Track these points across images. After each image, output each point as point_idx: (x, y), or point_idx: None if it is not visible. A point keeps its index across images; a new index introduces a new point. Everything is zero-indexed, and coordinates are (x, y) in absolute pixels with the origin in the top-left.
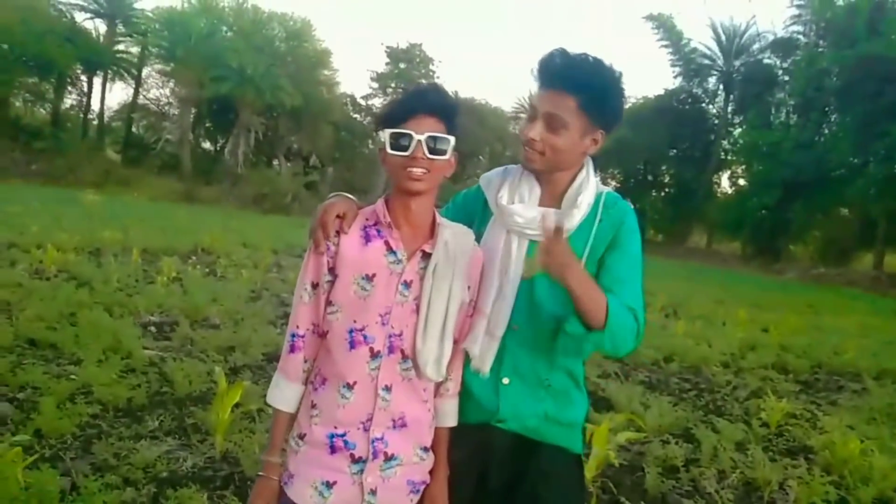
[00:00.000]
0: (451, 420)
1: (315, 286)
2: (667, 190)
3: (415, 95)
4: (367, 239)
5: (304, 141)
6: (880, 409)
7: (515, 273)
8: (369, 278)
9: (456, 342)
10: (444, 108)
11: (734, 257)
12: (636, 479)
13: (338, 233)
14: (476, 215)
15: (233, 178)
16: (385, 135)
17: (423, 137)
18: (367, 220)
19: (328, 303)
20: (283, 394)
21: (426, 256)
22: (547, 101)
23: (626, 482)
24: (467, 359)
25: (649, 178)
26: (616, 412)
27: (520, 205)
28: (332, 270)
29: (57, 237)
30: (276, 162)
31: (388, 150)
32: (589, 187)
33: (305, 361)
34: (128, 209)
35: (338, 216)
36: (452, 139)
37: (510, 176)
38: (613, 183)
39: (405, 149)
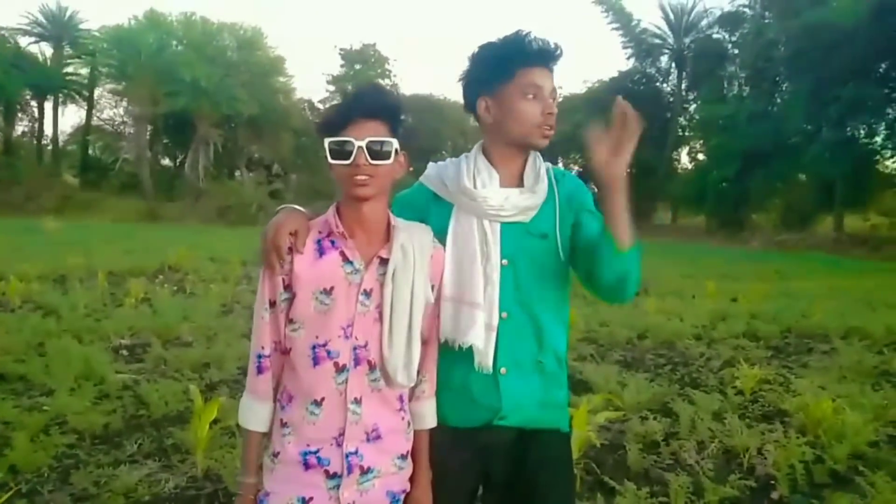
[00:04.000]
0: (429, 421)
1: (273, 304)
2: (628, 170)
3: (353, 99)
4: (321, 252)
5: (265, 150)
6: (849, 366)
7: (496, 258)
8: (327, 292)
9: (426, 343)
10: (384, 109)
11: (699, 231)
12: (618, 458)
13: (290, 250)
14: (425, 211)
15: (195, 193)
16: (325, 143)
17: (363, 143)
18: (319, 232)
19: (289, 320)
20: (257, 415)
21: (384, 262)
22: (545, 77)
23: (609, 461)
24: (468, 358)
25: None
26: (594, 393)
27: (487, 189)
28: (288, 288)
29: (19, 267)
30: (237, 173)
31: (330, 160)
32: (542, 163)
33: (272, 379)
34: (90, 233)
35: (290, 233)
36: (395, 142)
37: (463, 163)
38: (575, 168)
39: (347, 156)
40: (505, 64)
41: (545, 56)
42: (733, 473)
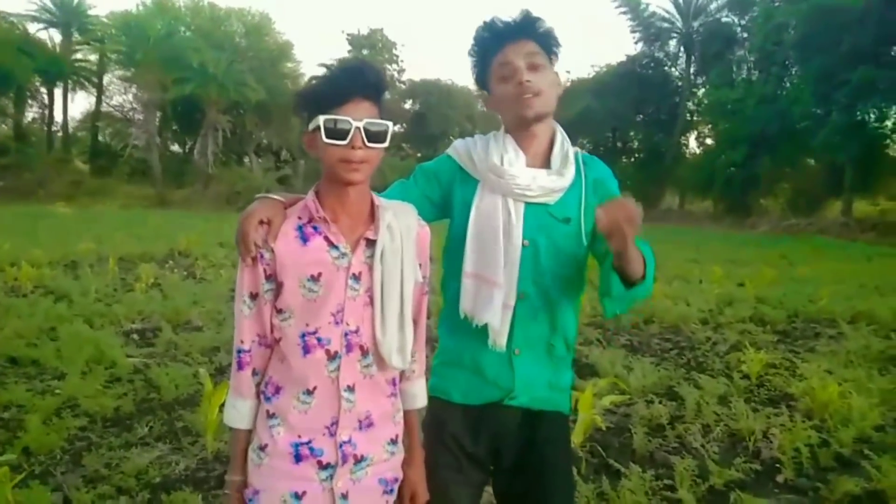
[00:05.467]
0: (420, 401)
1: (254, 297)
2: (636, 155)
3: (350, 75)
4: (304, 238)
5: (273, 135)
6: (856, 351)
7: (518, 238)
8: (315, 279)
9: (414, 323)
10: (378, 89)
11: (707, 216)
12: (624, 441)
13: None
14: (450, 184)
15: (204, 179)
16: (319, 121)
17: (361, 125)
18: (299, 217)
19: (278, 310)
20: (240, 412)
21: (371, 244)
22: (516, 51)
23: (614, 444)
24: (482, 336)
25: (618, 144)
26: (600, 377)
27: (514, 167)
28: (271, 278)
29: (31, 253)
30: (246, 159)
31: (325, 139)
32: (569, 146)
33: (255, 375)
34: (101, 219)
35: (261, 222)
36: (390, 125)
37: (491, 141)
38: (582, 152)
39: (343, 136)
40: (481, 60)
41: (508, 33)
42: (739, 457)
